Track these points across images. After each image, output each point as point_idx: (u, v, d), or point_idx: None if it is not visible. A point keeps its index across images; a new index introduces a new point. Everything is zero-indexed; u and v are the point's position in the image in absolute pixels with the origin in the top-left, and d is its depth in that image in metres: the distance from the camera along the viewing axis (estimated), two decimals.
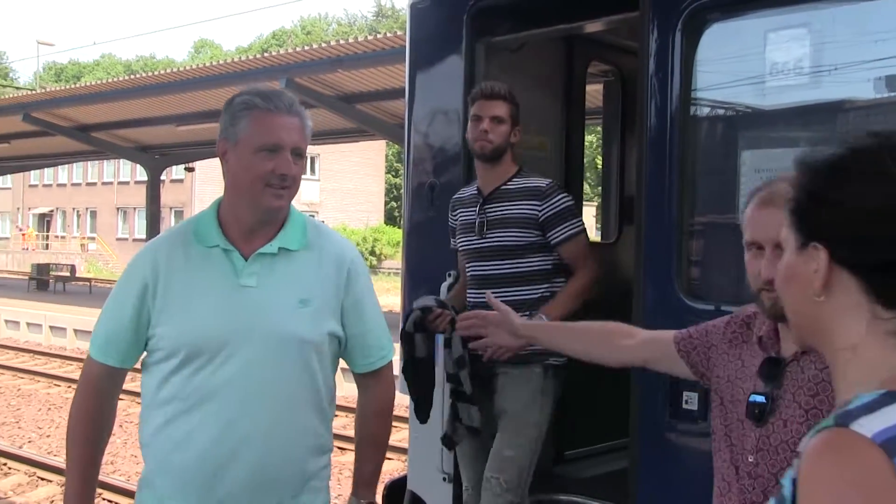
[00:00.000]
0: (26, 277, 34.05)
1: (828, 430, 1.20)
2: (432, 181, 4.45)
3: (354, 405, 2.99)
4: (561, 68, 5.14)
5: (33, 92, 30.49)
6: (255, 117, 2.51)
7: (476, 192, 4.14)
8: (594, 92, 6.17)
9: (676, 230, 3.40)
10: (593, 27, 4.51)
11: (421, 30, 4.51)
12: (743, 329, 2.40)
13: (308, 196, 53.03)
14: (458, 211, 4.22)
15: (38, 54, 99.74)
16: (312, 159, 53.20)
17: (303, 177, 2.66)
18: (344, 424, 10.82)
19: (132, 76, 20.90)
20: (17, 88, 59.66)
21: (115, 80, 22.57)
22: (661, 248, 3.44)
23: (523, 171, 4.12)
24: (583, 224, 4.07)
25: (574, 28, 4.49)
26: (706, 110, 3.57)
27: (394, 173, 65.16)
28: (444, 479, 4.33)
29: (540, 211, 3.97)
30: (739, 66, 3.40)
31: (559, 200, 3.99)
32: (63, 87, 26.64)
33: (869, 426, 1.16)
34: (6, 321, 21.96)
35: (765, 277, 2.13)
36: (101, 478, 9.32)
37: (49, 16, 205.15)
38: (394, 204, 65.44)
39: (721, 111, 3.65)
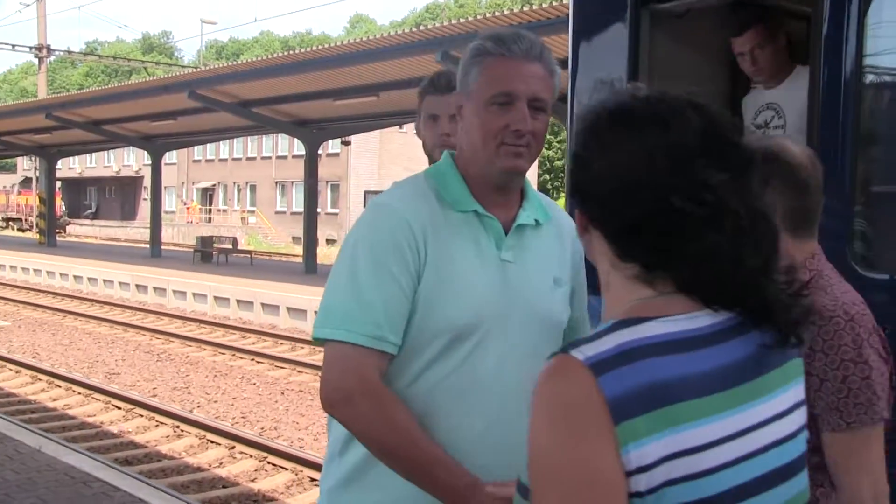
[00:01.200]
0: (191, 249, 35.16)
1: (553, 357, 1.34)
2: None
3: None
4: (727, 34, 5.00)
5: (197, 70, 31.61)
6: (487, 65, 2.15)
7: None
8: None
9: (849, 199, 3.28)
10: None
11: None
12: None
13: None
14: None
15: (201, 33, 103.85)
16: None
17: None
18: None
19: (290, 52, 21.42)
20: (183, 67, 62.05)
21: (274, 56, 23.14)
22: (834, 217, 3.32)
23: None
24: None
25: None
26: (884, 77, 3.42)
27: (546, 145, 64.75)
28: None
29: None
30: None
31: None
32: (225, 64, 27.50)
33: (585, 351, 1.30)
34: (174, 291, 22.93)
35: None
36: (266, 442, 9.68)
37: None
38: (546, 176, 65.30)
39: None
